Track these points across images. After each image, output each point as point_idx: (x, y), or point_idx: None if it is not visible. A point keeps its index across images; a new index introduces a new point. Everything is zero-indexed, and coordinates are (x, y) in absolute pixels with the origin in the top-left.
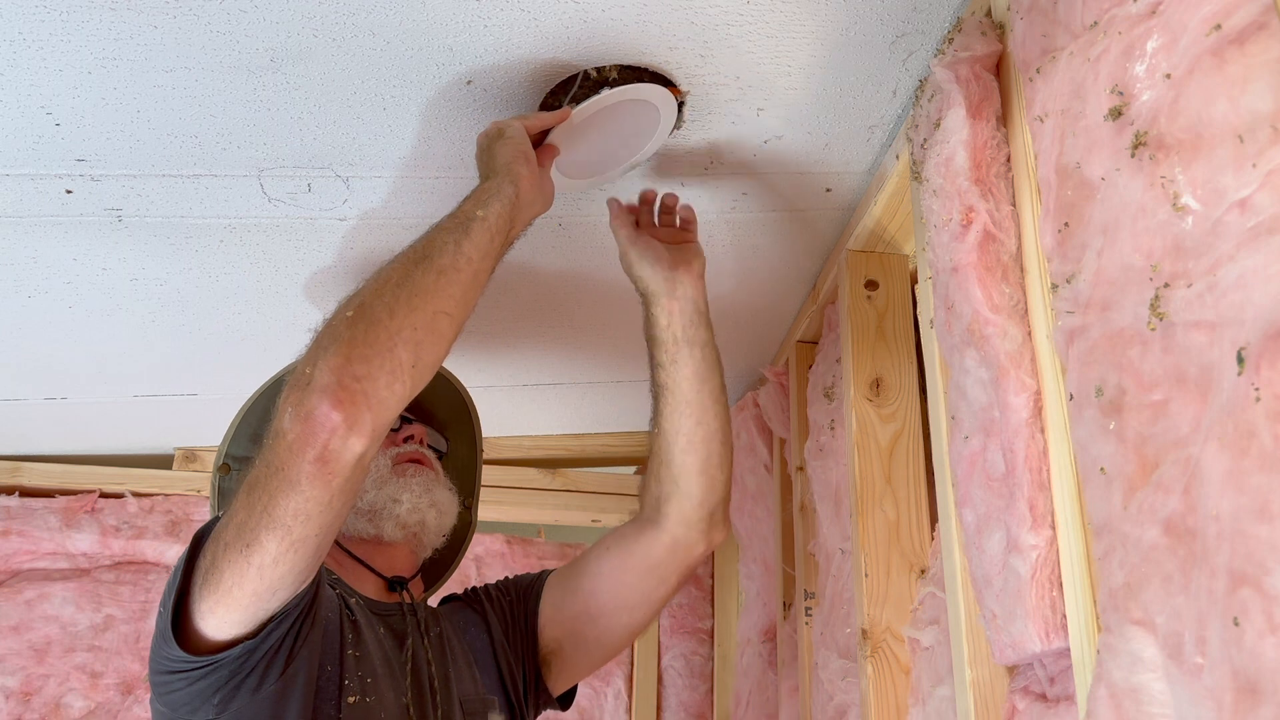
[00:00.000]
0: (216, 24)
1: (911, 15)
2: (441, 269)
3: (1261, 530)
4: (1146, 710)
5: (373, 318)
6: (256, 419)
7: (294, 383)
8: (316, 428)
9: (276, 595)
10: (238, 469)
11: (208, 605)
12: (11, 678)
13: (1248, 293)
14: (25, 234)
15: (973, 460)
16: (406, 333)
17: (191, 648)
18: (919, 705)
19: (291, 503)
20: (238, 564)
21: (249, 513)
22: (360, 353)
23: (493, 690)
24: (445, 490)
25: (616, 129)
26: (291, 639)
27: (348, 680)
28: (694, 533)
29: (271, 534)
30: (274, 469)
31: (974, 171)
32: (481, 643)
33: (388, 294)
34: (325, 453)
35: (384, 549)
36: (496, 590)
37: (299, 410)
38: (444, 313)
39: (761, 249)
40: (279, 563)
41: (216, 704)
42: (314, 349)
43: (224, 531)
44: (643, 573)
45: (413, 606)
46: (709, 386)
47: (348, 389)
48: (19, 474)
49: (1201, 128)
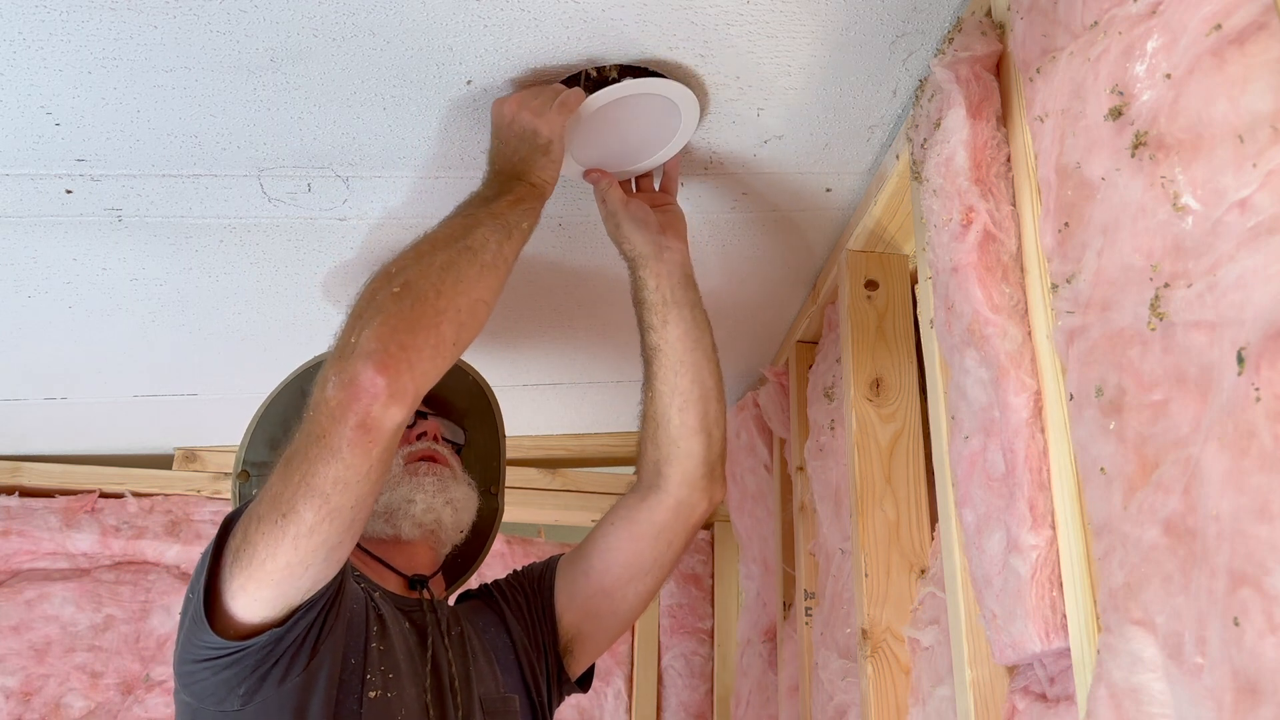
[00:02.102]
0: (216, 24)
1: (911, 15)
2: (484, 264)
3: (1261, 530)
4: (1146, 710)
5: (420, 294)
6: (272, 424)
7: (336, 353)
8: (360, 392)
9: (308, 570)
10: (257, 475)
11: (239, 583)
12: (11, 678)
13: (1248, 293)
14: (25, 234)
15: (973, 460)
16: (451, 313)
17: (221, 632)
18: (919, 705)
19: (332, 470)
20: (272, 535)
21: (285, 484)
22: (407, 323)
23: (514, 689)
24: (462, 485)
25: (631, 125)
26: (318, 629)
27: (370, 674)
28: (696, 492)
29: (309, 502)
30: (314, 437)
31: (974, 171)
32: (502, 642)
33: (434, 275)
34: (367, 418)
35: (403, 548)
36: (509, 586)
37: (342, 376)
38: (483, 301)
39: (761, 249)
40: (314, 532)
41: (242, 694)
42: (355, 321)
43: (256, 507)
44: (651, 539)
45: (434, 604)
46: (702, 345)
47: (393, 355)
48: (19, 474)
49: (1201, 128)
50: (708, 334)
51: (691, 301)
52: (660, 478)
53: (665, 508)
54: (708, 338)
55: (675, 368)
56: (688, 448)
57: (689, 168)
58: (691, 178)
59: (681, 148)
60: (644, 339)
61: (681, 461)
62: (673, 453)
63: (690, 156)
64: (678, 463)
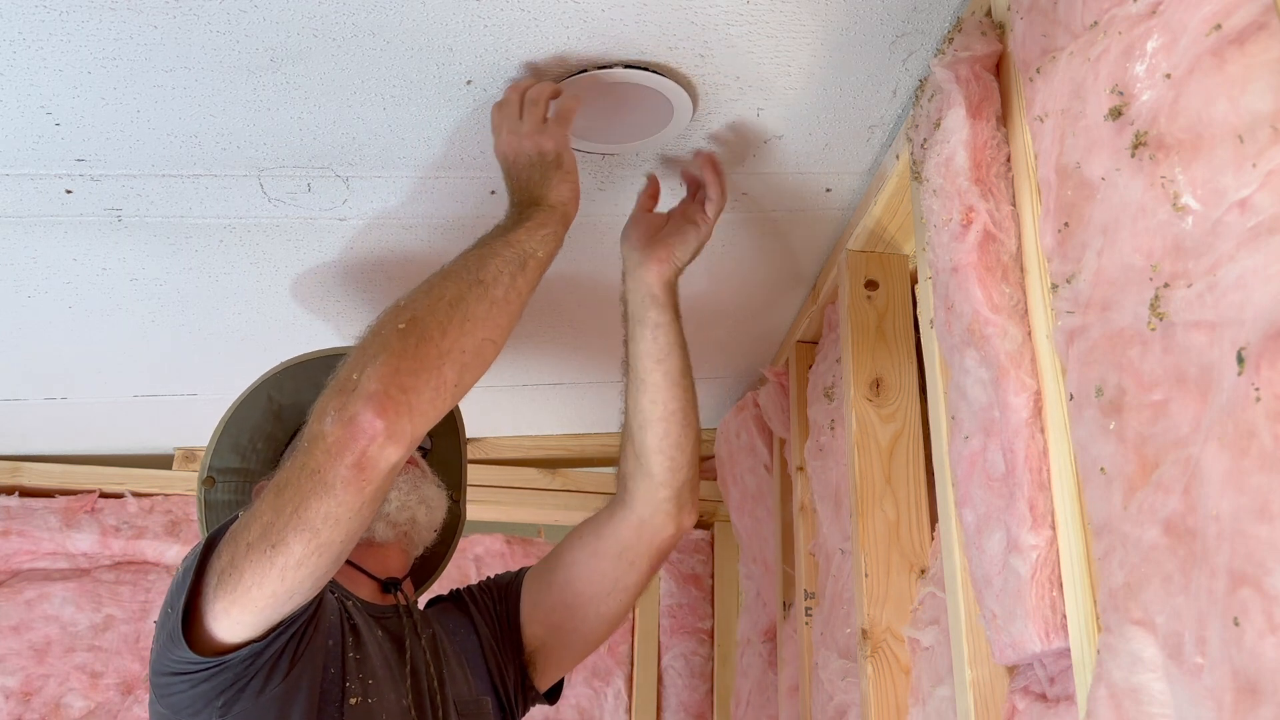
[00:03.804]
0: (216, 24)
1: (911, 15)
2: (494, 300)
3: (1261, 530)
4: (1146, 710)
5: (424, 333)
6: (238, 430)
7: (338, 387)
8: (358, 433)
9: (293, 599)
10: (223, 481)
11: (222, 606)
12: (11, 678)
13: (1248, 293)
14: (25, 234)
15: (973, 460)
16: (455, 354)
17: (199, 649)
18: (919, 705)
19: (324, 506)
20: (260, 564)
21: (276, 514)
22: (410, 365)
23: (484, 691)
24: (433, 486)
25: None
26: (296, 643)
27: (349, 683)
28: (659, 515)
29: (299, 536)
30: (309, 471)
31: (974, 171)
32: (471, 644)
33: (441, 312)
34: (363, 458)
35: (376, 550)
36: (480, 591)
37: (342, 414)
38: (491, 340)
39: (762, 249)
40: (302, 565)
41: (220, 706)
42: (360, 356)
43: (244, 533)
44: (614, 557)
45: (408, 608)
46: (663, 368)
47: (393, 399)
48: (19, 474)
49: (1201, 128)
50: (673, 357)
51: (655, 322)
52: (626, 493)
53: (628, 525)
54: (673, 360)
55: (637, 384)
56: (649, 467)
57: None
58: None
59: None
60: (624, 349)
61: (644, 480)
62: (637, 469)
63: (690, 156)
64: (641, 480)
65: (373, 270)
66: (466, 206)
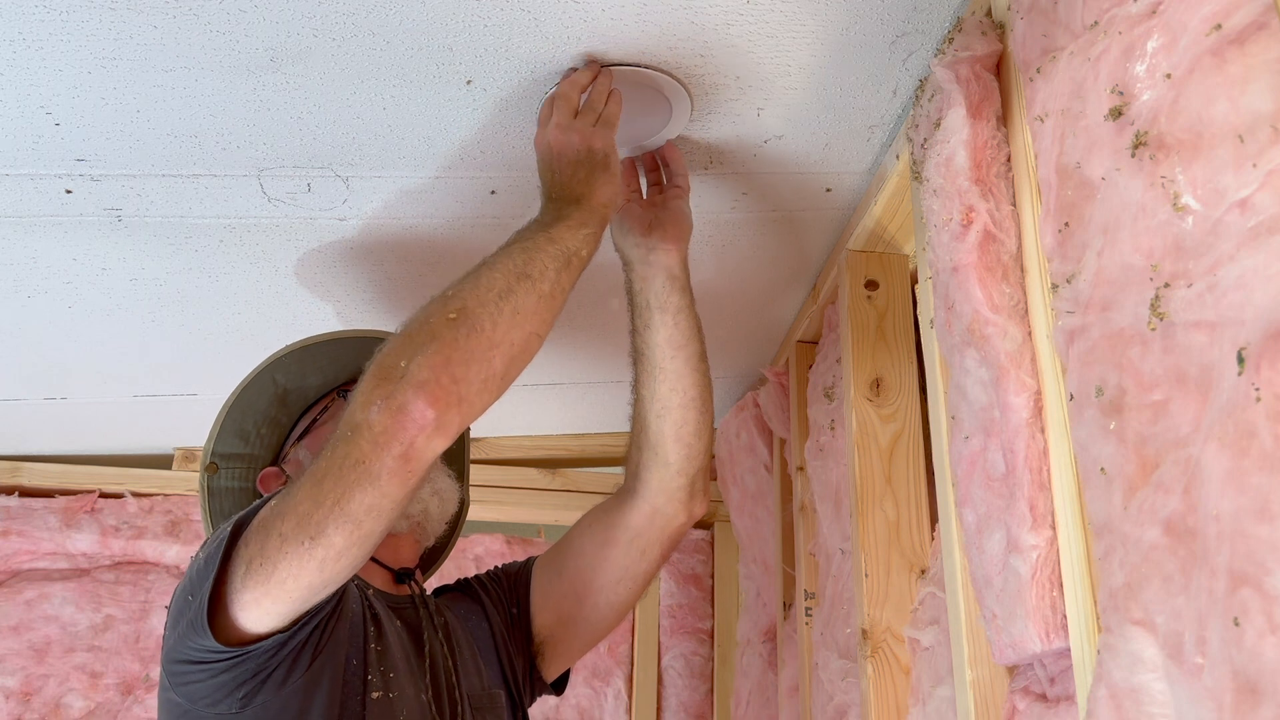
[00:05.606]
0: (216, 24)
1: (911, 15)
2: (542, 294)
3: (1261, 530)
4: (1146, 710)
5: (476, 324)
6: (241, 415)
7: (382, 375)
8: (408, 422)
9: (327, 589)
10: (226, 467)
11: (252, 596)
12: (11, 678)
13: (1248, 293)
14: (25, 234)
15: (973, 460)
16: (504, 346)
17: (221, 638)
18: (919, 705)
19: (368, 497)
20: (297, 556)
21: (316, 505)
22: (461, 355)
23: (496, 684)
24: (445, 477)
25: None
26: (319, 633)
27: (371, 675)
28: (673, 503)
29: (341, 528)
30: (352, 461)
31: (974, 171)
32: (483, 633)
33: (491, 304)
34: (411, 449)
35: (390, 541)
36: (489, 580)
37: (390, 403)
38: (537, 335)
39: (762, 249)
40: (342, 557)
41: (241, 698)
42: (406, 344)
43: (278, 522)
44: (624, 545)
45: (423, 599)
46: (684, 353)
47: (445, 388)
48: (19, 474)
49: (1202, 128)
50: (694, 342)
51: (676, 307)
52: (638, 482)
53: (640, 514)
54: (693, 345)
55: (654, 373)
56: (664, 456)
57: (689, 167)
58: (692, 177)
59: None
60: (631, 341)
61: (658, 469)
62: (651, 459)
63: (690, 157)
64: (655, 469)
65: (373, 270)
66: (467, 206)
